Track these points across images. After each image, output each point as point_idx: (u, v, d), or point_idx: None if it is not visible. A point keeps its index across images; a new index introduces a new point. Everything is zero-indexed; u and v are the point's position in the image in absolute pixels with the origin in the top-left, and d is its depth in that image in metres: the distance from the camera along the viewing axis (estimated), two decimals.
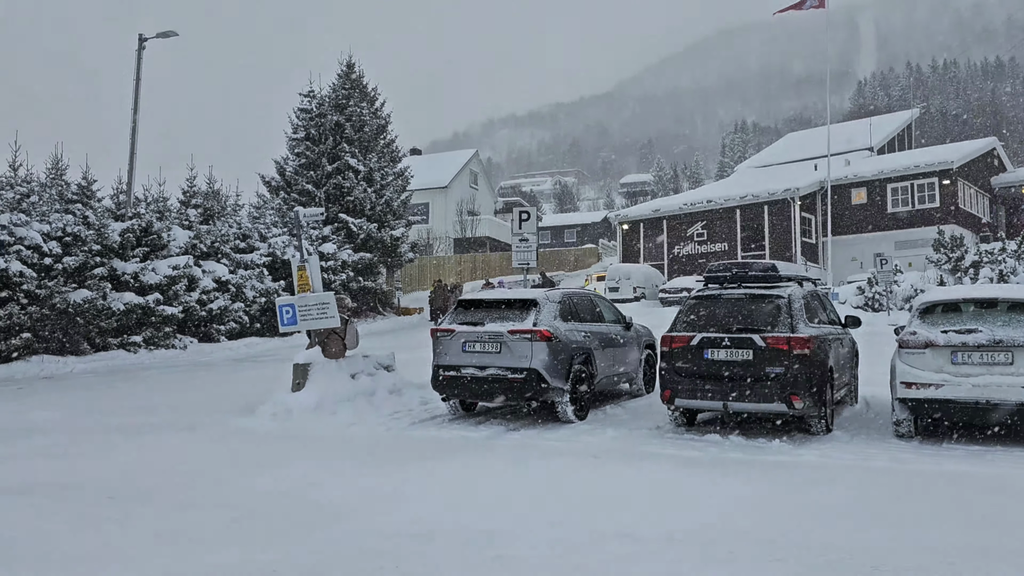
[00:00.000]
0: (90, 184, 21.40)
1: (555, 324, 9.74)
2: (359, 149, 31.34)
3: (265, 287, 24.56)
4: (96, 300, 19.17)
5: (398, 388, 11.51)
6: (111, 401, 12.68)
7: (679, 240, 41.44)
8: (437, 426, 9.83)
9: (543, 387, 9.37)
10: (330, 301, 10.49)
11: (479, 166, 57.15)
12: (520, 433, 9.27)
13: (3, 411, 11.73)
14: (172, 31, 22.49)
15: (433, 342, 10.13)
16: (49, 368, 17.87)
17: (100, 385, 15.20)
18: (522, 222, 14.64)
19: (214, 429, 9.68)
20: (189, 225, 23.71)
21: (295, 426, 9.75)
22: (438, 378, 9.94)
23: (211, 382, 15.19)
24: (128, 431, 9.57)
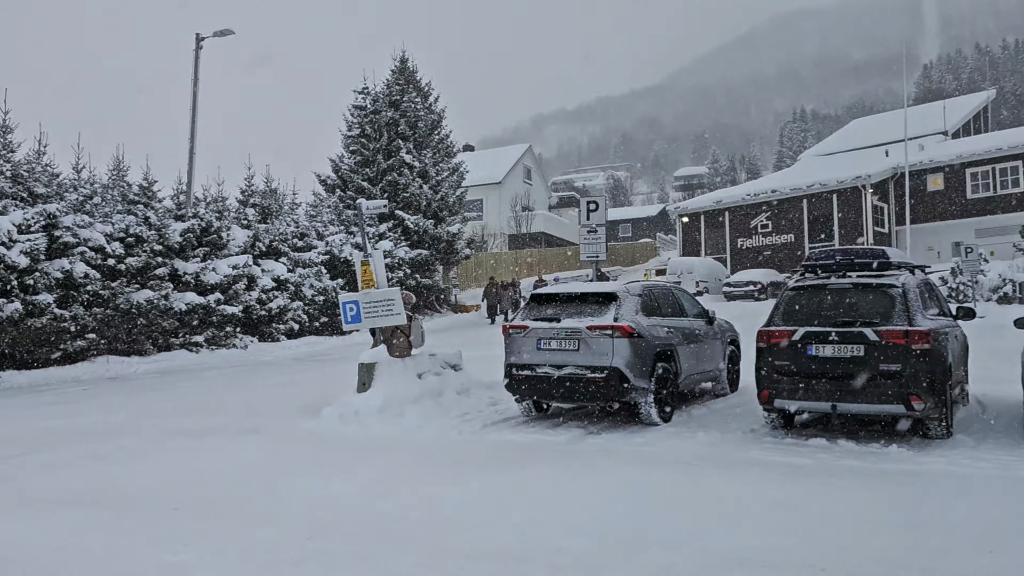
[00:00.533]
0: (151, 185, 21.40)
1: (637, 319, 9.04)
2: (414, 145, 30.98)
3: (323, 285, 24.33)
4: (158, 300, 19.10)
5: (466, 388, 10.95)
6: (174, 402, 12.41)
7: (742, 232, 40.16)
8: (511, 429, 9.21)
9: (625, 387, 8.68)
10: (395, 297, 9.97)
11: (533, 161, 56.47)
12: (602, 437, 8.60)
13: (70, 413, 11.53)
14: (229, 29, 22.36)
15: (505, 339, 9.52)
16: (114, 369, 17.84)
17: (163, 386, 15.01)
18: (590, 212, 13.94)
19: (279, 432, 9.24)
20: (248, 224, 23.60)
21: (361, 429, 9.25)
22: (511, 378, 9.33)
23: (273, 382, 14.87)
24: (191, 434, 9.20)
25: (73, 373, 17.01)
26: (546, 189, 59.46)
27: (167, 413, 11.12)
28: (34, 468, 7.48)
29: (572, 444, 8.29)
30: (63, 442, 8.80)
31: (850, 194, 36.44)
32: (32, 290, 16.46)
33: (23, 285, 16.32)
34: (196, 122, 22.18)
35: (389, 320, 10.03)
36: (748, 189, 42.08)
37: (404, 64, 32.42)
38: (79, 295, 17.55)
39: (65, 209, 17.97)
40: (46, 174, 18.76)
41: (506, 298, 28.13)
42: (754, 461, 7.16)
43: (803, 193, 37.99)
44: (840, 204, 36.81)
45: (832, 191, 36.95)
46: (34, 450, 8.34)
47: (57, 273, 16.98)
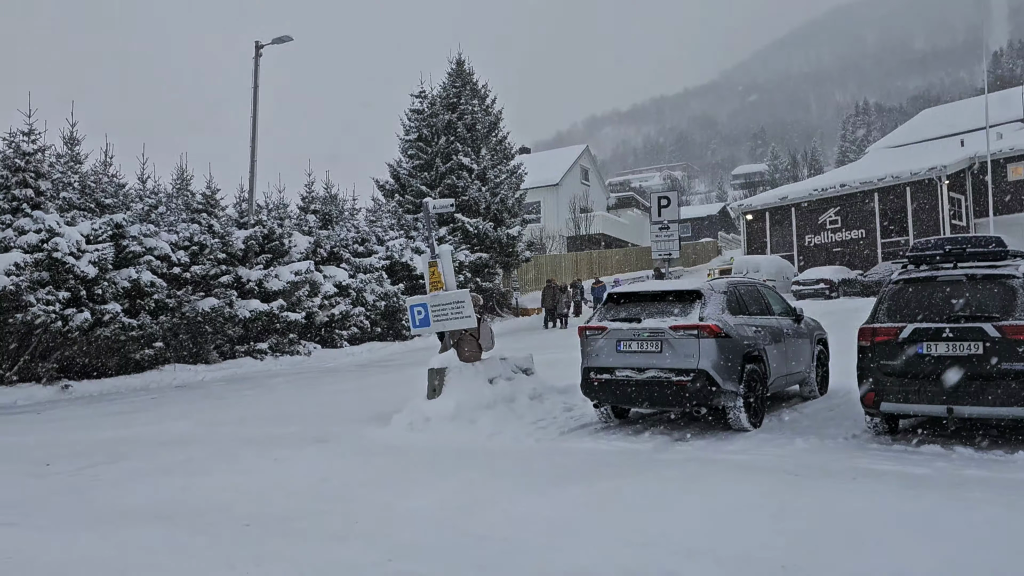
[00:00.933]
0: (214, 193, 21.53)
1: (724, 318, 8.46)
2: (471, 147, 30.72)
3: (384, 290, 24.18)
4: (223, 308, 19.14)
5: (539, 393, 10.49)
6: (241, 410, 12.24)
7: (809, 228, 38.85)
8: (591, 436, 8.71)
9: (713, 390, 8.10)
10: (465, 299, 9.57)
11: (590, 162, 55.79)
12: (690, 444, 8.04)
13: (139, 422, 11.44)
14: (287, 36, 22.41)
15: (581, 342, 9.03)
16: (181, 377, 17.90)
17: (229, 394, 14.93)
18: (661, 209, 13.39)
19: (348, 441, 8.92)
20: (309, 231, 23.60)
21: (433, 437, 8.86)
22: (589, 382, 8.83)
23: (339, 389, 14.64)
24: (260, 443, 8.93)
25: (141, 382, 17.12)
26: (604, 190, 58.71)
27: (234, 422, 10.93)
28: (104, 480, 7.28)
29: (659, 452, 7.75)
30: (132, 453, 8.63)
31: (924, 186, 34.89)
32: (100, 299, 16.60)
33: (92, 295, 16.47)
34: (257, 129, 22.26)
35: (459, 323, 9.63)
36: (815, 184, 40.70)
37: (460, 66, 32.20)
38: (146, 304, 17.66)
39: (131, 219, 18.12)
40: (112, 185, 18.99)
41: (562, 301, 27.39)
42: (865, 470, 6.52)
43: (874, 187, 36.54)
44: (914, 197, 35.28)
45: (905, 184, 35.44)
46: (104, 461, 8.17)
47: (124, 282, 17.10)
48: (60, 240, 15.96)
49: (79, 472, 7.68)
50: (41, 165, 17.25)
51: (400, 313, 24.52)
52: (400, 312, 24.51)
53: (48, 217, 16.32)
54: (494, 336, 10.47)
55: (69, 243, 16.12)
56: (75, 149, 18.78)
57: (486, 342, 10.28)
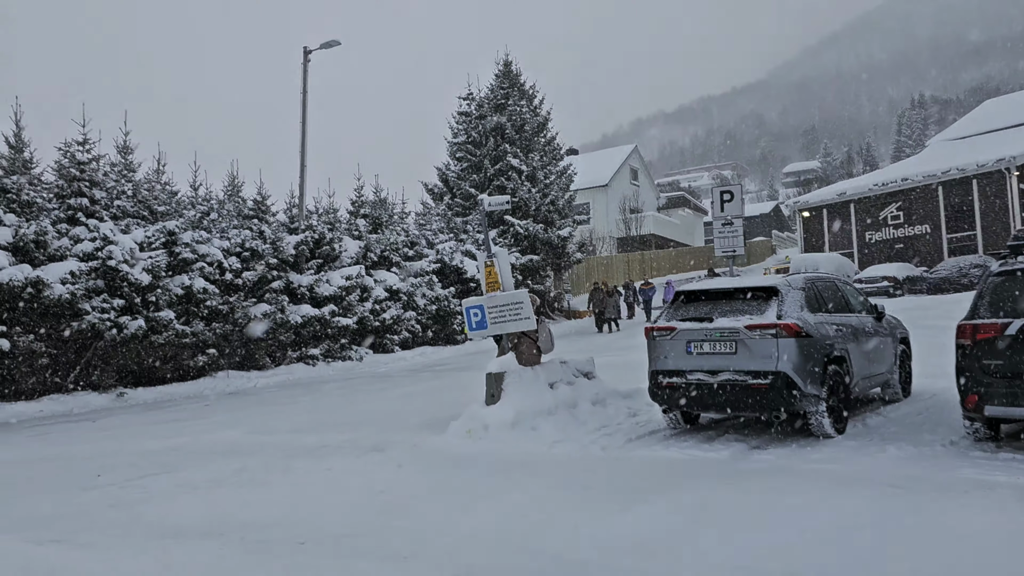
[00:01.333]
0: (264, 199, 21.49)
1: (803, 316, 7.85)
2: (520, 149, 30.32)
3: (435, 294, 23.90)
4: (275, 314, 19.03)
5: (601, 398, 9.99)
6: (294, 418, 11.98)
7: (870, 225, 37.55)
8: (661, 444, 8.17)
9: (794, 394, 7.50)
10: (524, 300, 9.12)
11: (639, 162, 54.95)
12: (770, 453, 7.45)
13: (192, 430, 11.24)
14: (335, 41, 22.29)
15: (648, 344, 8.50)
16: (234, 384, 17.81)
17: (282, 400, 14.73)
18: (724, 203, 12.74)
19: (404, 450, 8.53)
20: (359, 235, 23.44)
21: (493, 445, 8.41)
22: (657, 385, 8.29)
23: (392, 395, 14.32)
24: (313, 453, 8.61)
25: (195, 389, 17.05)
26: (653, 190, 57.80)
27: (287, 429, 10.65)
28: (154, 493, 7.00)
29: (738, 461, 7.19)
30: (185, 463, 8.37)
31: (993, 179, 33.39)
32: (154, 307, 16.58)
33: (145, 302, 16.46)
34: (306, 135, 22.17)
35: (517, 325, 9.18)
36: (875, 179, 39.35)
37: (508, 67, 31.84)
38: (199, 310, 17.62)
39: (184, 226, 18.12)
40: (165, 192, 19.05)
41: (611, 305, 26.46)
42: (974, 482, 5.88)
43: (938, 180, 35.13)
44: (981, 189, 33.80)
45: (971, 176, 33.99)
46: (154, 472, 7.92)
47: (177, 289, 17.08)
48: (114, 248, 15.98)
49: (129, 484, 7.42)
50: (95, 174, 17.35)
51: (451, 317, 24.21)
52: (451, 316, 24.20)
53: (103, 225, 16.38)
54: (553, 338, 10.00)
55: (123, 251, 16.14)
56: (128, 157, 18.89)
57: (545, 345, 9.81)
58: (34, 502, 6.95)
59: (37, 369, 15.11)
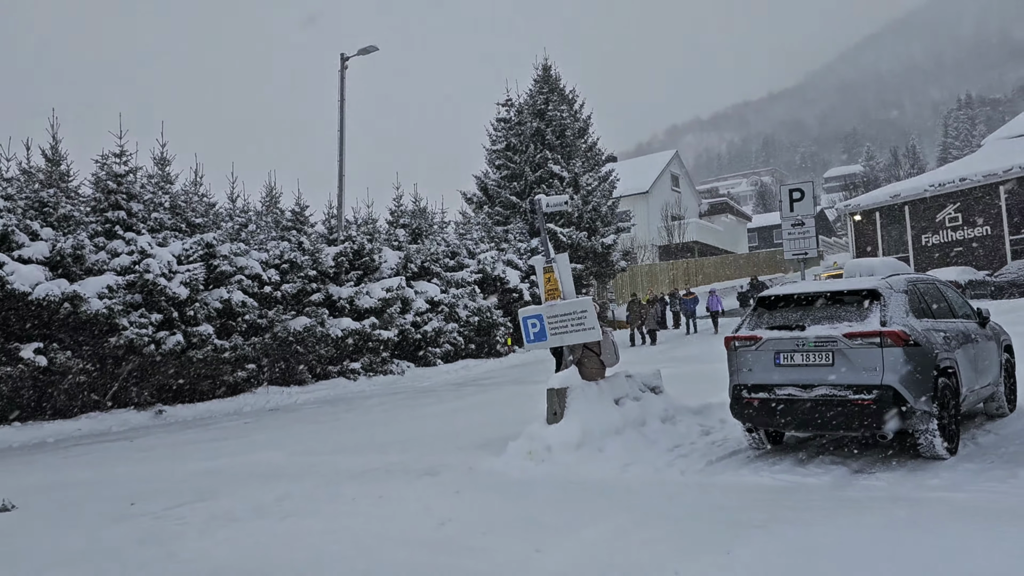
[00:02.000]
0: (303, 210, 21.02)
1: (909, 322, 6.96)
2: (561, 155, 29.59)
3: (477, 305, 23.21)
4: (315, 327, 18.49)
5: (671, 415, 9.16)
6: (337, 436, 11.32)
7: (926, 227, 36.03)
8: (746, 466, 7.31)
9: (903, 411, 6.61)
10: (588, 309, 8.34)
11: (680, 168, 53.85)
12: (878, 478, 6.56)
13: (231, 451, 10.65)
14: (373, 46, 21.82)
15: (729, 355, 7.66)
16: (274, 399, 17.28)
17: (324, 417, 14.11)
18: (793, 203, 11.86)
19: (460, 474, 7.79)
20: (399, 245, 22.88)
21: (559, 469, 7.63)
22: (741, 402, 7.44)
23: (438, 411, 13.61)
24: (360, 476, 7.91)
25: (235, 405, 16.54)
26: (695, 197, 56.61)
27: (331, 449, 9.98)
28: (191, 525, 6.34)
29: (841, 488, 6.32)
30: (223, 489, 7.72)
31: None
32: (192, 321, 16.12)
33: (184, 316, 15.99)
34: (344, 143, 21.69)
35: (581, 336, 8.40)
36: (931, 179, 37.78)
37: (547, 71, 31.18)
38: (237, 324, 17.13)
39: (222, 238, 17.68)
40: (202, 204, 18.65)
41: (650, 316, 25.01)
42: None
43: (999, 179, 33.54)
44: None
45: None
46: (192, 500, 7.27)
47: (216, 303, 16.60)
48: (152, 261, 15.56)
49: (165, 514, 6.78)
50: (132, 186, 16.98)
51: (493, 328, 23.49)
52: (493, 327, 23.48)
53: (140, 239, 15.98)
54: (618, 350, 9.19)
55: (161, 264, 15.71)
56: (165, 169, 18.56)
57: (609, 357, 9.02)
58: (61, 536, 6.33)
59: (75, 386, 14.69)
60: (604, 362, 8.99)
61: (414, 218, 24.40)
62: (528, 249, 26.53)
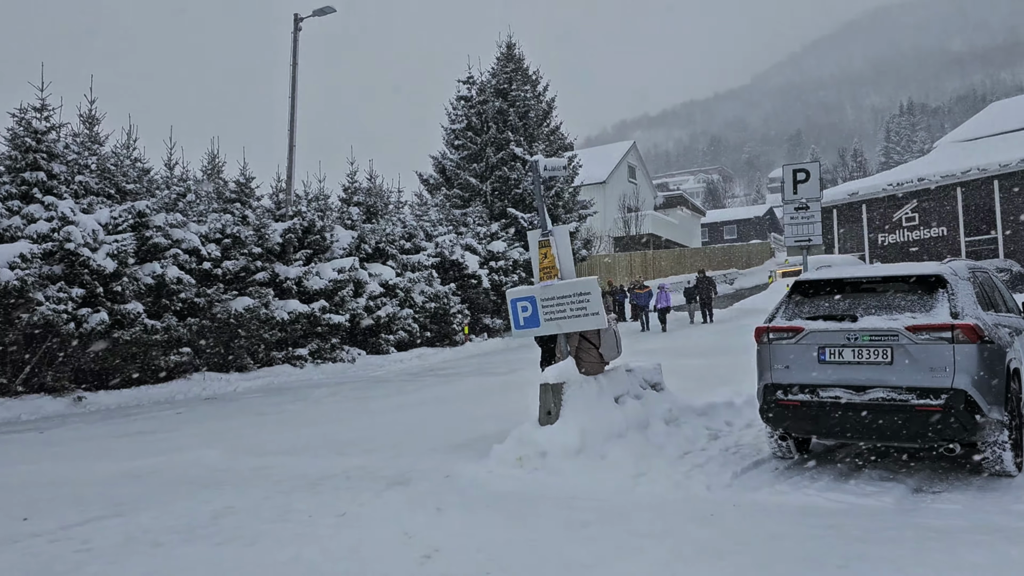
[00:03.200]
0: (248, 181, 19.33)
1: (980, 315, 5.93)
2: (524, 137, 28.31)
3: (434, 291, 21.82)
4: (259, 309, 16.89)
5: (674, 416, 8.02)
6: (285, 432, 9.89)
7: (883, 226, 35.97)
8: (783, 481, 6.18)
9: (975, 420, 5.56)
10: (592, 291, 7.10)
11: (637, 159, 53.08)
12: (947, 499, 5.50)
13: (161, 447, 9.16)
14: (329, 7, 20.19)
15: (760, 349, 6.52)
16: (211, 387, 15.67)
17: (268, 408, 12.62)
18: (797, 184, 10.84)
19: (436, 483, 6.50)
20: (352, 224, 21.33)
21: (556, 480, 6.41)
22: (774, 405, 6.31)
23: (396, 404, 12.24)
24: (316, 486, 6.56)
25: (166, 392, 14.90)
26: (651, 189, 55.89)
27: (278, 449, 8.57)
28: (97, 553, 4.91)
29: (911, 512, 5.23)
30: (146, 499, 6.29)
31: (1016, 180, 31.88)
32: (120, 298, 14.40)
33: (110, 292, 14.27)
34: (296, 111, 20.05)
35: (582, 323, 7.16)
36: (889, 179, 37.78)
37: (511, 50, 29.83)
38: (172, 303, 15.47)
39: (156, 207, 15.95)
40: (136, 169, 16.85)
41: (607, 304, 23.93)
42: None
43: (957, 180, 33.58)
44: (1003, 191, 32.28)
45: (994, 176, 32.47)
46: (104, 514, 5.83)
47: (147, 278, 14.91)
48: (74, 229, 13.79)
49: (64, 534, 5.33)
50: (55, 145, 15.13)
51: (451, 316, 22.14)
52: (451, 315, 22.13)
53: (61, 203, 14.19)
54: (620, 342, 7.98)
55: (84, 233, 13.95)
56: (94, 129, 16.70)
57: (610, 350, 7.81)
58: None
59: None
60: (604, 355, 7.78)
61: (369, 196, 22.84)
62: (488, 234, 25.24)
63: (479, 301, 23.94)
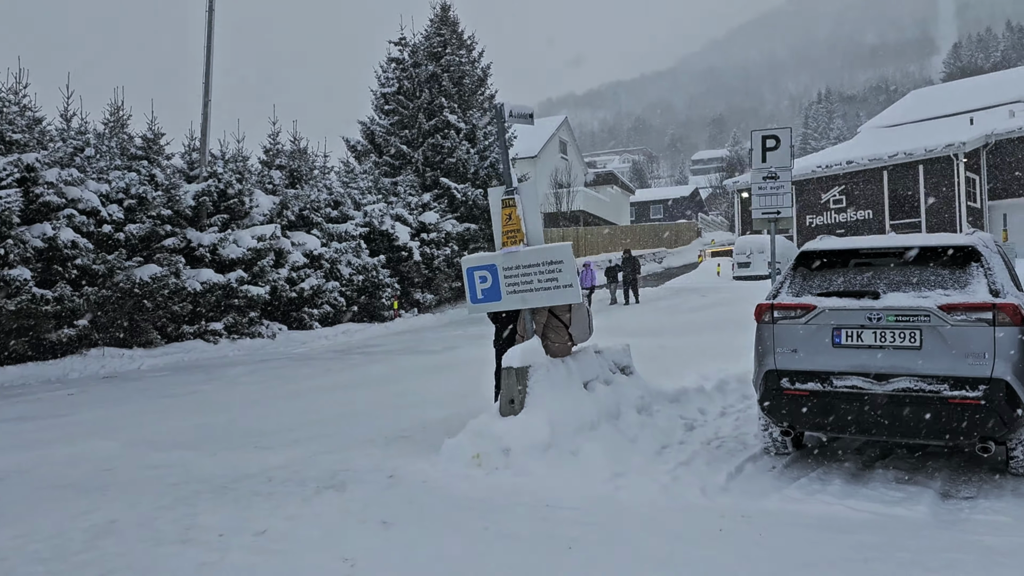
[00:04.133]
0: (157, 137, 17.52)
1: (1019, 295, 5.17)
2: (459, 104, 26.99)
3: (362, 263, 20.46)
4: (167, 278, 15.29)
5: (647, 403, 7.10)
6: (194, 418, 8.57)
7: (810, 208, 36.16)
8: (788, 484, 5.30)
9: (1015, 416, 4.79)
10: (565, 258, 6.07)
11: (569, 135, 52.25)
12: (986, 507, 4.71)
13: (45, 436, 7.78)
14: None
15: (760, 330, 5.62)
16: (111, 365, 14.08)
17: (176, 389, 11.20)
18: (766, 152, 10.06)
19: (378, 487, 5.41)
20: (273, 189, 19.73)
21: (522, 481, 5.39)
22: (778, 394, 5.43)
23: (326, 386, 11.00)
24: (229, 490, 5.38)
25: (59, 370, 13.25)
26: (582, 165, 55.20)
27: (185, 440, 7.29)
28: None
29: (954, 524, 4.42)
30: (13, 506, 4.99)
31: (940, 165, 32.37)
32: (3, 262, 12.64)
33: None
34: (212, 61, 18.26)
35: (553, 296, 6.12)
36: (818, 161, 37.96)
37: (446, 12, 28.35)
38: (66, 271, 13.74)
39: (48, 161, 14.12)
40: (24, 118, 14.90)
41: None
42: None
43: (883, 164, 33.89)
44: (927, 176, 32.75)
45: (919, 161, 32.86)
46: None
47: (37, 241, 13.17)
48: None
49: None
50: None
51: (380, 290, 20.84)
52: (380, 288, 20.83)
53: None
54: (592, 322, 6.99)
55: None
56: None
57: (581, 331, 6.82)
58: None
59: None
60: (574, 336, 6.78)
61: (292, 159, 21.21)
62: (420, 204, 23.92)
63: (410, 275, 22.68)
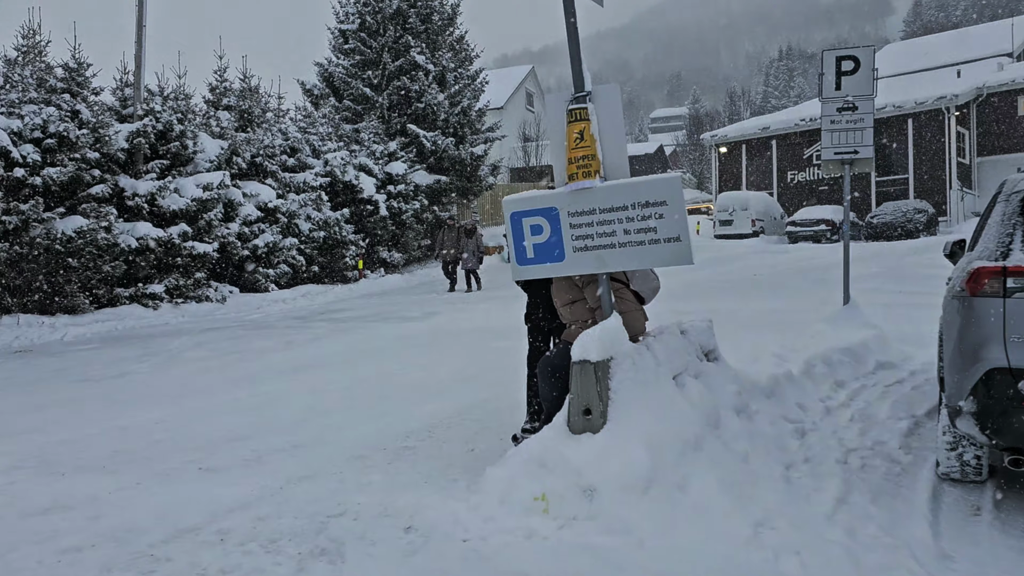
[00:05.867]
0: (82, 67, 14.96)
1: None
2: (427, 44, 24.55)
3: (324, 217, 18.21)
4: (96, 232, 12.93)
5: (744, 403, 5.22)
6: (118, 415, 6.45)
7: (793, 164, 34.67)
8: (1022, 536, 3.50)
9: None
10: (670, 197, 4.06)
11: (536, 86, 49.86)
12: None
13: None
14: None
15: (974, 306, 3.74)
16: (28, 335, 11.78)
17: (102, 368, 9.03)
18: (841, 76, 8.18)
19: (399, 553, 3.45)
20: (221, 132, 17.27)
21: (618, 543, 3.48)
22: (1007, 403, 3.58)
23: (291, 363, 8.90)
24: (160, 561, 3.35)
25: None
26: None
27: (96, 458, 5.21)
28: None
29: None
30: None
31: (930, 118, 31.02)
32: None
33: None
34: None
35: (653, 255, 4.13)
36: (802, 114, 36.36)
37: None
38: None
39: None
40: None
41: (470, 250, 17.50)
42: None
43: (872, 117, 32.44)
44: (916, 130, 31.40)
45: (908, 115, 31.47)
46: None
47: None
48: None
49: None
50: None
51: (343, 247, 18.62)
52: (343, 246, 18.60)
53: None
54: (658, 282, 5.05)
55: None
56: None
57: (645, 284, 4.88)
58: None
59: None
60: (639, 295, 4.85)
61: (243, 99, 18.69)
62: (386, 153, 21.61)
63: (376, 231, 20.46)
